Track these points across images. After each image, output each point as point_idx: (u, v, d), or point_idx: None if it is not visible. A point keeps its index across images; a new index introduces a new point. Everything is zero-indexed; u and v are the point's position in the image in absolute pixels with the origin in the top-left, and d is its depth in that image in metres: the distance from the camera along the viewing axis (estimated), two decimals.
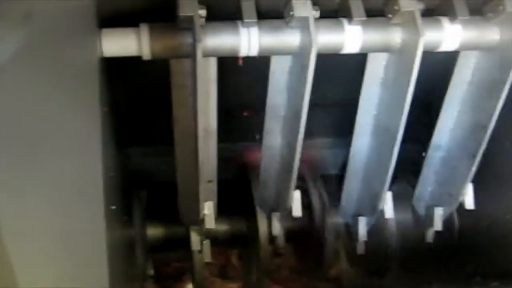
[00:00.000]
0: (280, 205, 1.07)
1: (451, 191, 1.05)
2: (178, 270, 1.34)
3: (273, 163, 1.05)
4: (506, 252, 1.05)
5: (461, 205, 1.04)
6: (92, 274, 0.64)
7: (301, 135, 0.91)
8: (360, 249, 1.14)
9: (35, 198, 0.41)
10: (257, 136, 1.23)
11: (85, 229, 0.60)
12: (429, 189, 1.11)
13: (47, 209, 0.44)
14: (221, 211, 1.07)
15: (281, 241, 1.13)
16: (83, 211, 0.59)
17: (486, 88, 0.93)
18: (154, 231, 1.16)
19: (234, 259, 1.35)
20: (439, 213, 1.08)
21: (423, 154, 1.07)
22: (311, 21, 0.80)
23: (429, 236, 1.13)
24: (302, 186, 1.09)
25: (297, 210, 1.04)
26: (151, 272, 1.20)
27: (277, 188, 1.08)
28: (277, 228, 1.11)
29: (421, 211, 1.13)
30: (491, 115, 0.91)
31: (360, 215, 1.11)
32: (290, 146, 0.96)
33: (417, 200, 1.13)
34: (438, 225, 1.09)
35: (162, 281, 1.29)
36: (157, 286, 1.29)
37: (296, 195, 1.03)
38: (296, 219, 1.06)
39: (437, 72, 0.96)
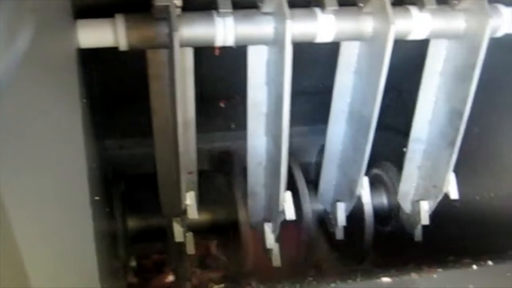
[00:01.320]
0: (272, 212, 1.05)
1: (435, 183, 1.04)
2: (158, 262, 1.34)
3: (260, 169, 1.04)
4: (477, 232, 1.08)
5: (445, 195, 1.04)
6: (81, 267, 0.64)
7: (285, 130, 0.90)
8: (339, 234, 1.16)
9: (19, 189, 0.42)
10: (233, 126, 1.25)
11: (71, 220, 0.60)
12: (414, 184, 1.10)
13: (32, 200, 0.45)
14: (199, 201, 1.08)
15: (276, 261, 1.10)
16: (69, 202, 0.60)
17: (458, 75, 0.95)
18: (134, 223, 1.16)
19: (213, 249, 1.35)
20: (425, 208, 1.07)
21: (404, 149, 1.07)
22: (284, 2, 0.82)
23: (418, 233, 1.12)
24: None
25: (290, 212, 1.00)
26: (133, 264, 1.20)
27: (267, 195, 1.07)
28: (271, 240, 1.07)
29: (407, 208, 1.12)
30: (465, 101, 0.93)
31: (338, 201, 1.13)
32: (275, 144, 0.95)
33: (402, 197, 1.12)
34: (425, 219, 1.08)
35: (142, 274, 1.30)
36: (138, 279, 1.29)
37: (288, 197, 1.00)
38: None
39: (407, 59, 0.98)
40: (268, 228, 1.07)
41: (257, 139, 1.01)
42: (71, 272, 0.58)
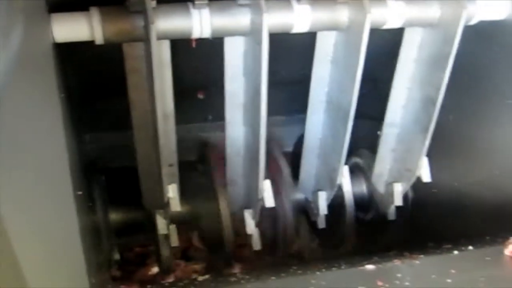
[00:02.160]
0: (252, 199, 1.07)
1: (408, 166, 1.07)
2: (141, 255, 1.34)
3: (239, 158, 1.05)
4: (456, 217, 1.10)
5: (417, 179, 1.06)
6: (68, 263, 0.64)
7: (263, 120, 0.91)
8: (321, 223, 1.18)
9: (3, 186, 0.42)
10: (210, 117, 1.26)
11: (56, 216, 0.61)
12: (388, 166, 1.13)
13: (16, 197, 0.45)
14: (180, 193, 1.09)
15: (257, 245, 1.12)
16: (52, 198, 0.60)
17: (432, 63, 0.96)
18: (116, 217, 1.16)
19: (195, 241, 1.36)
20: (398, 189, 1.11)
21: (378, 132, 1.09)
22: None
23: (391, 213, 1.16)
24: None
25: (269, 200, 1.03)
26: (117, 257, 1.21)
27: (246, 184, 1.08)
28: (252, 226, 1.10)
29: (381, 188, 1.15)
30: (439, 88, 0.94)
31: (319, 190, 1.14)
32: (254, 133, 0.96)
33: (376, 179, 1.15)
34: (398, 200, 1.11)
35: (126, 267, 1.30)
36: (121, 272, 1.29)
37: (267, 185, 1.02)
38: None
39: (382, 48, 0.99)
40: (248, 214, 1.10)
41: (235, 129, 1.02)
42: (58, 267, 0.58)
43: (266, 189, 1.02)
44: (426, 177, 1.05)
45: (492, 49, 0.97)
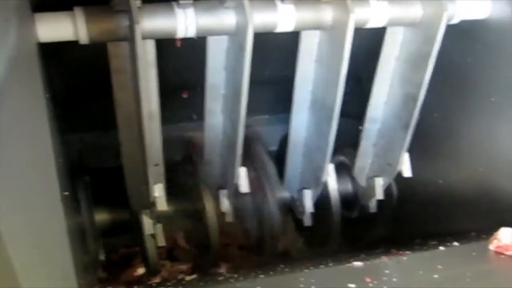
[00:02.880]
0: (227, 182, 1.09)
1: (389, 161, 1.08)
2: (126, 256, 1.34)
3: (217, 141, 1.07)
4: (440, 213, 1.12)
5: (399, 174, 1.08)
6: (57, 264, 0.64)
7: (243, 112, 0.92)
8: (307, 221, 1.18)
9: None
10: (194, 117, 1.25)
11: (44, 217, 0.60)
12: (369, 161, 1.15)
13: (5, 197, 0.45)
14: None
15: (229, 218, 1.15)
16: (40, 199, 0.60)
17: (414, 61, 0.98)
18: (101, 217, 1.16)
19: (181, 241, 1.36)
20: (379, 183, 1.12)
21: (360, 127, 1.11)
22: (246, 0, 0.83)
23: (372, 206, 1.17)
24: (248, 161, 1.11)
25: (244, 186, 1.05)
26: (102, 258, 1.20)
27: (223, 166, 1.10)
28: (226, 204, 1.12)
29: (362, 182, 1.17)
30: (420, 86, 0.96)
31: (304, 188, 1.14)
32: (233, 124, 0.98)
33: (358, 172, 1.17)
34: (379, 194, 1.13)
35: (111, 268, 1.29)
36: (107, 273, 1.28)
37: (242, 172, 1.04)
38: (242, 195, 1.08)
39: (366, 47, 1.00)
40: (223, 194, 1.12)
41: (214, 117, 1.03)
42: (48, 269, 0.58)
43: (242, 175, 1.04)
44: (407, 172, 1.07)
45: (475, 47, 0.99)
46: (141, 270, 1.30)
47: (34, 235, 0.53)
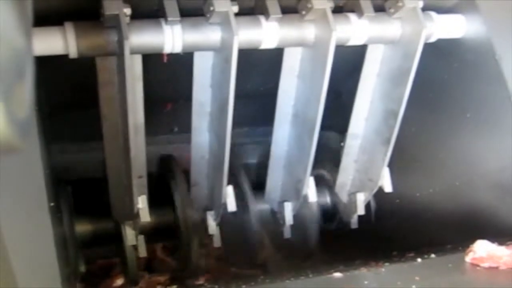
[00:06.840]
0: (214, 202, 1.09)
1: (370, 176, 1.10)
2: (105, 267, 1.34)
3: (203, 161, 1.07)
4: (418, 226, 1.14)
5: (379, 189, 1.10)
6: (44, 274, 0.64)
7: (229, 127, 0.94)
8: (287, 233, 1.20)
9: None
10: (175, 129, 1.27)
11: (32, 227, 0.61)
12: (350, 177, 1.16)
13: None
14: None
15: (217, 242, 1.15)
16: (28, 209, 0.60)
17: (393, 77, 1.01)
18: (82, 228, 1.16)
19: (159, 253, 1.36)
20: (361, 199, 1.14)
21: (341, 144, 1.12)
22: (231, 15, 0.85)
23: (354, 222, 1.19)
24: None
25: (231, 205, 1.06)
26: (82, 269, 1.20)
27: (210, 186, 1.10)
28: (213, 227, 1.12)
29: (344, 198, 1.18)
30: (400, 102, 0.99)
31: (285, 200, 1.16)
32: (219, 140, 0.98)
33: (339, 188, 1.18)
34: (361, 210, 1.15)
35: (90, 279, 1.29)
36: (85, 285, 1.28)
37: (229, 191, 1.05)
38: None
39: (346, 64, 1.03)
40: (210, 216, 1.12)
41: (201, 135, 1.04)
42: (33, 278, 0.59)
43: (229, 194, 1.05)
44: (388, 187, 1.09)
45: (452, 65, 1.02)
46: (119, 281, 1.29)
47: (19, 245, 0.54)
